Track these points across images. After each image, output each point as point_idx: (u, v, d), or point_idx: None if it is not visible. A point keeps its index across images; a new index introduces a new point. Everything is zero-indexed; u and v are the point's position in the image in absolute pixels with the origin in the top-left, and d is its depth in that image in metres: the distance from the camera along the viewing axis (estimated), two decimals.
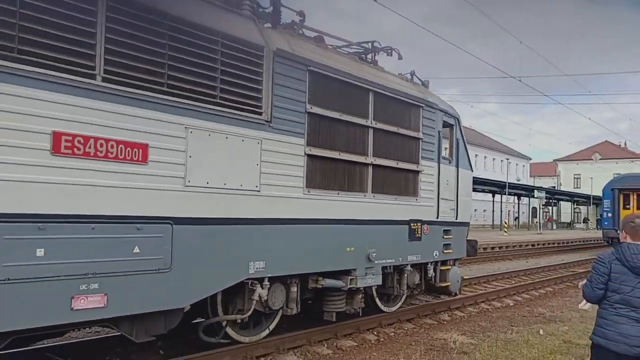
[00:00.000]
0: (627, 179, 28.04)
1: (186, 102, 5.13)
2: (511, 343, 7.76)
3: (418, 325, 8.67)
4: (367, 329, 8.00)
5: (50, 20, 4.23)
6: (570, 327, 9.14)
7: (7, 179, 3.99)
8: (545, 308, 11.11)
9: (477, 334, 8.36)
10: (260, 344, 6.44)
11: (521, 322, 9.56)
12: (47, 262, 4.19)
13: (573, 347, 7.69)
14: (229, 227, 5.51)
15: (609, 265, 3.71)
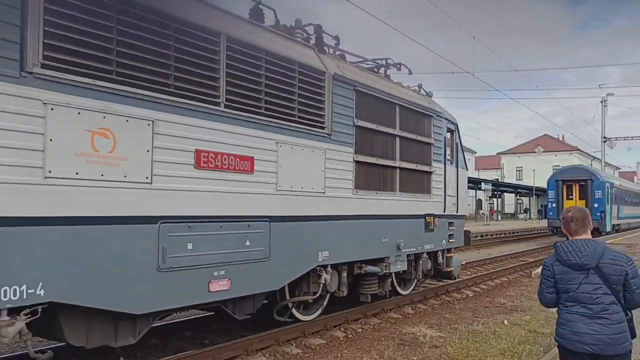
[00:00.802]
0: (570, 171, 30.44)
1: (277, 122, 6.42)
2: (479, 335, 8.01)
3: (384, 320, 8.92)
4: (334, 326, 8.16)
5: (194, 62, 5.44)
6: (532, 316, 9.49)
7: (169, 188, 5.19)
8: (504, 298, 11.47)
9: (444, 327, 8.61)
10: (228, 346, 6.54)
11: (484, 313, 9.86)
12: (194, 254, 5.42)
13: (539, 336, 8.00)
14: (306, 223, 6.85)
15: (552, 269, 3.78)
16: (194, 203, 5.43)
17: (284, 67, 6.55)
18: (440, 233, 10.00)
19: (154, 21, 5.05)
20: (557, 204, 28.34)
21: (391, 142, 8.59)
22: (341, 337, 7.78)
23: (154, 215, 5.05)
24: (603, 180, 28.90)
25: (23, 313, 4.21)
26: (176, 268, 5.24)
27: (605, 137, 49.31)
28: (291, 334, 7.38)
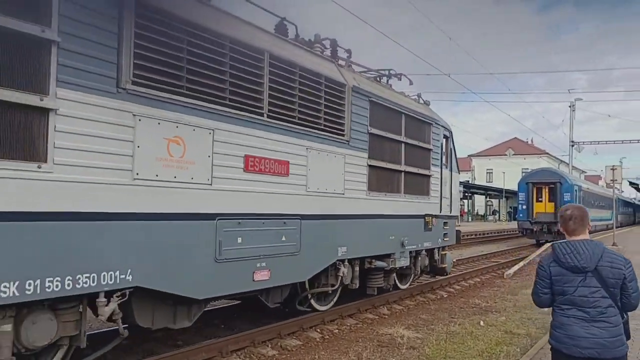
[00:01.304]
0: (540, 174, 31.32)
1: (307, 129, 7.26)
2: (456, 336, 8.13)
3: (360, 321, 9.02)
4: (310, 327, 8.20)
5: (244, 77, 6.24)
6: (507, 317, 9.66)
7: (224, 189, 5.98)
8: (479, 299, 11.64)
9: (421, 328, 8.70)
10: (202, 347, 6.59)
11: (460, 313, 10.04)
12: (243, 247, 6.22)
13: (515, 337, 8.18)
14: (329, 221, 7.71)
15: (548, 269, 3.70)
16: (243, 202, 6.23)
17: (314, 80, 7.39)
18: (437, 232, 10.99)
19: (213, 41, 5.83)
20: (527, 206, 29.20)
21: (398, 148, 9.52)
22: (317, 338, 7.83)
23: (213, 213, 5.84)
24: (572, 183, 29.81)
25: (115, 295, 4.95)
26: (229, 259, 6.04)
27: (572, 142, 51.44)
28: (267, 335, 7.41)
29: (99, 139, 4.69)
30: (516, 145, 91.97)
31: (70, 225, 4.48)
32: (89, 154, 4.60)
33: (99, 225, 4.70)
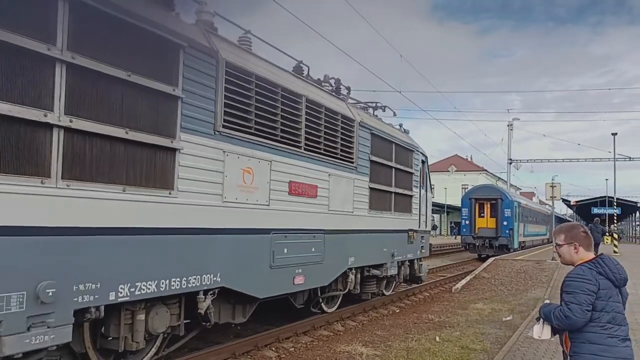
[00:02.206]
0: (482, 190, 32.91)
1: (328, 158, 8.93)
2: (414, 352, 8.22)
3: (315, 338, 9.10)
4: (265, 345, 8.22)
5: (290, 117, 7.86)
6: (461, 332, 9.82)
7: (276, 209, 7.55)
8: (431, 314, 11.82)
9: (378, 345, 8.78)
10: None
11: (415, 329, 10.14)
12: (287, 256, 7.79)
13: (472, 352, 8.34)
14: (343, 235, 9.38)
15: (597, 283, 3.41)
16: (287, 219, 7.82)
17: (333, 117, 9.09)
18: (417, 245, 12.89)
19: (271, 90, 7.42)
20: (470, 221, 30.59)
21: (390, 172, 11.34)
22: (274, 358, 7.89)
23: (270, 228, 7.39)
24: (512, 200, 31.09)
25: (210, 293, 6.41)
26: (279, 266, 7.60)
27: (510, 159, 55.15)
28: (220, 355, 7.37)
29: (203, 171, 6.18)
30: (456, 162, 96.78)
31: (187, 238, 5.95)
32: (198, 183, 6.09)
33: (203, 238, 6.18)
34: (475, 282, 17.55)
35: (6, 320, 4.16)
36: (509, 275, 18.73)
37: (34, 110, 4.37)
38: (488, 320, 11.12)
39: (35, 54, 4.38)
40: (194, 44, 6.04)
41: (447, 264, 26.14)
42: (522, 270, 19.72)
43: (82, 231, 4.76)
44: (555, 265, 20.15)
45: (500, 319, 11.22)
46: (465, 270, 22.69)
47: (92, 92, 4.86)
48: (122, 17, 5.12)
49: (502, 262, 21.80)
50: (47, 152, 4.50)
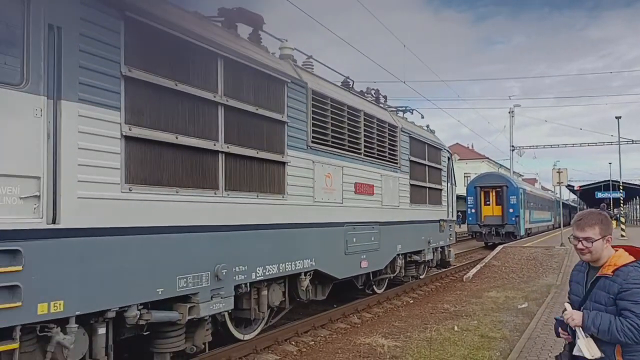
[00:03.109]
0: (487, 178, 32.99)
1: (380, 161, 10.80)
2: (434, 342, 8.32)
3: (333, 331, 9.39)
4: (285, 339, 8.40)
5: (353, 130, 9.72)
6: (478, 321, 10.01)
7: (347, 206, 9.41)
8: (445, 303, 12.05)
9: (398, 336, 8.97)
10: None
11: (432, 319, 10.40)
12: (356, 244, 9.66)
13: (492, 341, 8.49)
14: (392, 226, 11.27)
15: None
16: (354, 214, 9.69)
17: (381, 126, 10.96)
18: (446, 233, 14.81)
19: (340, 109, 9.27)
20: (475, 209, 30.87)
21: (424, 170, 13.24)
22: (294, 352, 8.04)
23: (343, 222, 9.27)
24: (517, 187, 31.55)
25: (307, 274, 8.30)
26: (350, 252, 9.48)
27: (513, 146, 56.22)
28: (240, 351, 7.53)
29: (301, 178, 8.05)
30: (458, 151, 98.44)
31: (293, 231, 7.83)
32: (298, 188, 7.96)
33: (303, 231, 8.06)
34: (486, 270, 17.77)
35: (201, 292, 6.03)
36: (519, 263, 18.86)
37: (208, 141, 6.22)
38: (503, 308, 11.41)
39: (206, 100, 6.22)
40: (292, 79, 7.90)
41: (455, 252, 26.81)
42: (531, 257, 19.87)
43: (237, 227, 6.63)
44: (564, 252, 20.62)
45: (515, 306, 11.49)
46: (474, 258, 23.10)
47: (237, 124, 6.71)
48: (254, 67, 6.98)
49: (510, 249, 21.94)
50: (216, 171, 6.36)
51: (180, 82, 5.82)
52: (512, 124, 52.99)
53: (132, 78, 5.23)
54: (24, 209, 4.27)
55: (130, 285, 5.18)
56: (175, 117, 5.78)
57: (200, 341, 6.38)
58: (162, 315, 5.64)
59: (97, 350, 5.06)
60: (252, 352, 7.66)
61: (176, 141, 5.74)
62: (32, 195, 4.32)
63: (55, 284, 4.44)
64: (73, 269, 4.60)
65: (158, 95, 5.57)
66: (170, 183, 5.69)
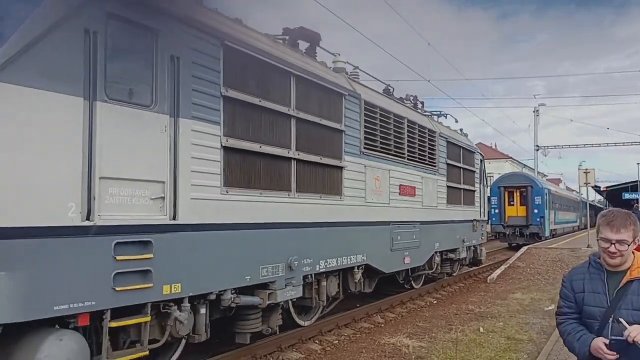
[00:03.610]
0: (511, 178, 33.07)
1: (420, 165, 11.72)
2: (460, 344, 8.28)
3: (357, 330, 9.50)
4: (309, 338, 8.54)
5: (397, 137, 10.66)
6: (504, 322, 10.04)
7: (393, 206, 10.35)
8: (470, 304, 12.13)
9: (422, 336, 9.02)
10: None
11: (456, 320, 10.41)
12: (400, 242, 10.60)
13: (519, 343, 8.49)
14: (431, 225, 12.18)
15: None
16: (399, 214, 10.62)
17: (422, 131, 11.87)
18: (478, 232, 15.68)
19: (387, 117, 10.20)
20: (499, 209, 30.78)
21: (459, 172, 14.13)
22: (319, 350, 8.18)
23: (389, 221, 10.21)
24: (542, 187, 31.62)
25: (359, 268, 9.25)
26: (395, 249, 10.42)
27: (537, 146, 56.19)
28: (266, 349, 7.72)
29: (355, 181, 9.01)
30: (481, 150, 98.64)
31: (348, 229, 8.79)
32: (353, 190, 8.92)
33: (356, 228, 9.03)
34: (510, 271, 17.82)
35: (278, 280, 7.03)
36: (544, 264, 18.86)
37: (283, 149, 7.21)
38: (529, 310, 11.46)
39: (282, 114, 7.21)
40: (348, 91, 8.87)
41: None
42: (557, 258, 19.80)
43: (305, 225, 7.61)
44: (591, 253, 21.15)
45: (541, 308, 11.45)
46: (497, 259, 23.09)
47: (305, 133, 7.69)
48: (318, 82, 7.95)
49: (535, 250, 21.87)
50: (289, 175, 7.35)
51: (263, 98, 6.81)
52: (536, 123, 52.60)
53: (228, 97, 6.23)
54: (153, 207, 5.29)
55: (226, 273, 6.20)
56: (258, 129, 6.78)
57: (274, 324, 7.39)
58: (248, 299, 6.65)
59: (199, 327, 6.07)
60: (277, 350, 7.87)
61: (260, 150, 6.73)
62: (158, 196, 5.34)
63: (174, 269, 5.47)
64: (186, 258, 5.62)
65: (246, 110, 6.57)
66: (255, 186, 6.69)
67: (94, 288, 4.72)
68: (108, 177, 4.84)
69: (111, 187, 4.88)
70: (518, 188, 30.81)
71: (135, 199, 5.11)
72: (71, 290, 4.54)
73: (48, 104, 4.40)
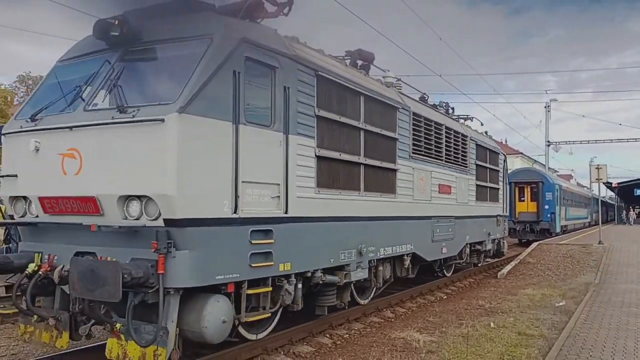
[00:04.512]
0: (522, 174, 33.30)
1: (455, 165, 13.36)
2: (471, 338, 8.32)
3: (367, 325, 9.69)
4: (319, 332, 8.72)
5: (438, 143, 12.31)
6: (515, 318, 10.15)
7: (434, 203, 12.01)
8: (480, 300, 12.30)
9: (432, 331, 9.15)
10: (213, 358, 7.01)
11: (467, 315, 10.53)
12: (439, 234, 12.26)
13: (530, 339, 8.55)
14: (463, 220, 13.82)
15: None
16: (438, 209, 12.27)
17: (456, 136, 13.50)
18: (502, 226, 17.33)
19: (431, 125, 11.84)
20: (510, 205, 30.78)
21: (486, 171, 15.77)
22: (329, 344, 8.35)
23: (431, 216, 11.88)
24: (553, 183, 32.30)
25: (408, 256, 10.91)
26: (435, 240, 12.08)
27: (549, 141, 56.63)
28: (277, 342, 7.88)
29: (405, 181, 10.66)
30: None
31: (400, 222, 10.45)
32: (404, 189, 10.57)
33: (406, 222, 10.69)
34: (521, 267, 17.93)
35: (351, 263, 8.71)
36: (555, 260, 18.98)
37: (355, 156, 8.87)
38: (540, 305, 11.58)
39: (353, 127, 8.86)
40: (401, 104, 10.52)
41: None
42: (568, 254, 19.89)
43: (370, 218, 9.28)
44: (602, 250, 20.94)
45: (552, 304, 11.62)
46: (508, 255, 22.43)
47: (370, 142, 9.34)
48: (379, 99, 9.62)
49: (546, 246, 22.01)
50: (359, 177, 9.01)
51: (342, 115, 8.47)
52: (548, 119, 53.02)
53: (320, 116, 7.90)
54: (272, 204, 6.97)
55: (318, 256, 7.89)
56: (338, 140, 8.44)
57: (345, 300, 9.09)
58: (331, 278, 8.33)
59: (297, 298, 7.74)
60: (288, 344, 8.08)
61: (339, 157, 8.40)
62: (276, 195, 7.02)
63: (286, 252, 7.14)
64: (294, 243, 7.30)
65: (330, 125, 8.24)
66: (336, 186, 8.36)
67: (238, 264, 6.41)
68: (246, 181, 6.50)
69: (248, 189, 6.55)
70: (529, 184, 31.06)
71: (261, 197, 6.79)
72: (225, 265, 6.23)
73: (213, 128, 6.07)
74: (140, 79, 6.53)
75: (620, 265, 17.12)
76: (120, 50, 6.68)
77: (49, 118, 6.60)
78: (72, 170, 6.19)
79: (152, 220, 5.80)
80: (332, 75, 8.21)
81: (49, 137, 6.43)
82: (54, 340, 6.60)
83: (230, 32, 6.42)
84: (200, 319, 6.02)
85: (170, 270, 5.71)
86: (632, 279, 14.54)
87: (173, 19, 6.71)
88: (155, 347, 5.74)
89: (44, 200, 6.45)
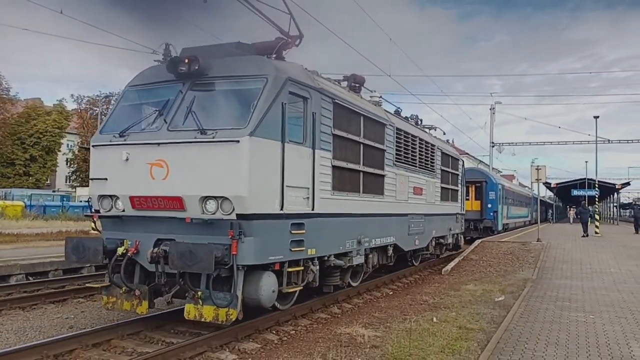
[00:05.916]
0: (467, 173, 33.53)
1: (425, 170, 15.74)
2: (414, 333, 8.53)
3: (314, 320, 9.85)
4: (266, 328, 8.83)
5: (422, 155, 14.69)
6: (456, 312, 10.43)
7: (409, 202, 14.37)
8: (425, 295, 12.69)
9: (377, 326, 9.33)
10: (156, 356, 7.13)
11: (411, 310, 10.90)
12: (413, 229, 14.61)
13: (470, 332, 8.79)
14: (430, 217, 16.23)
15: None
16: (412, 208, 14.61)
17: (428, 146, 15.86)
18: (460, 223, 19.93)
19: (413, 139, 14.17)
20: None
21: (448, 175, 18.30)
22: (275, 340, 8.43)
23: (407, 213, 14.22)
24: (496, 182, 33.81)
25: (391, 246, 13.21)
26: (410, 234, 14.44)
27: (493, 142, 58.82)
28: (222, 339, 8.03)
29: (390, 184, 12.94)
30: None
31: (385, 218, 12.72)
32: (389, 191, 12.85)
33: (389, 219, 12.99)
34: (464, 264, 18.53)
35: (353, 250, 10.91)
36: (496, 257, 19.68)
37: (356, 165, 11.06)
38: (481, 300, 11.96)
39: (356, 141, 11.05)
40: (388, 122, 12.79)
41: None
42: (508, 251, 20.77)
43: (366, 215, 11.49)
44: (540, 247, 22.19)
45: (492, 299, 12.06)
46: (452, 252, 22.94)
47: (367, 153, 11.56)
48: (373, 118, 11.86)
49: (488, 244, 22.83)
50: (360, 182, 11.21)
51: (348, 132, 10.67)
52: (492, 121, 55.18)
53: (334, 134, 10.05)
54: (304, 203, 9.09)
55: (332, 244, 10.06)
56: (346, 152, 10.62)
57: (346, 280, 11.30)
58: (339, 262, 10.51)
59: (316, 277, 9.86)
60: (234, 340, 8.18)
61: (347, 166, 10.59)
62: (306, 197, 9.14)
63: (312, 240, 9.27)
64: (317, 233, 9.43)
65: (341, 140, 10.40)
66: (346, 190, 10.54)
67: (282, 248, 8.51)
68: (289, 186, 8.60)
69: (289, 191, 8.64)
70: (473, 183, 31.98)
71: (297, 197, 8.91)
72: (274, 249, 8.33)
73: (269, 146, 8.14)
74: (210, 106, 8.53)
75: (556, 262, 18.55)
76: (188, 82, 8.65)
77: (135, 135, 8.52)
78: (160, 175, 8.14)
79: (226, 215, 7.82)
80: (343, 101, 10.39)
81: (138, 149, 8.35)
82: (134, 307, 8.53)
83: (280, 73, 8.51)
84: (258, 289, 8.08)
85: (240, 252, 7.74)
86: (566, 274, 15.70)
87: (231, 59, 8.74)
88: (227, 309, 7.78)
89: (134, 199, 8.36)
